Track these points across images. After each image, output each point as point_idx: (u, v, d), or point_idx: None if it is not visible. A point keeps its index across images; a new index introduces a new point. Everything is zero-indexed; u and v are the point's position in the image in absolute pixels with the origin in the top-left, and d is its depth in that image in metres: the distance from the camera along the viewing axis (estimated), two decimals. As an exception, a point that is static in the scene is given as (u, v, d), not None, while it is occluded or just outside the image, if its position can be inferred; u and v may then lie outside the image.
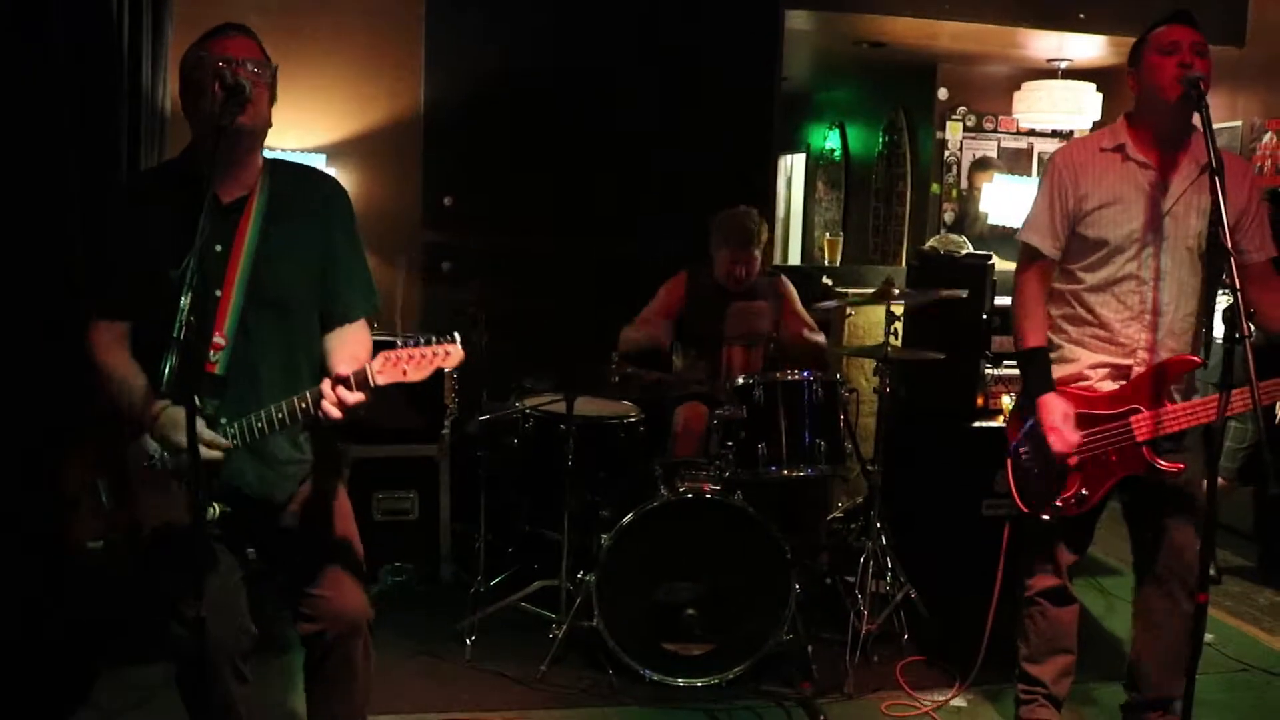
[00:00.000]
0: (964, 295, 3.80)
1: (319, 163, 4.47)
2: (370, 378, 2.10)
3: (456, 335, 2.12)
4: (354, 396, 2.10)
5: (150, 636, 2.28)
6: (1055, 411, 2.70)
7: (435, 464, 4.10)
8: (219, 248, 2.17)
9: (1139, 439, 2.65)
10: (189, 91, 2.16)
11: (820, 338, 4.22)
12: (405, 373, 2.10)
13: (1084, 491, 2.73)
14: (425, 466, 4.09)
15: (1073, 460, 2.70)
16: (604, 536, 3.34)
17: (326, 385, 2.10)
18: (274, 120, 2.24)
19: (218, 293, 2.16)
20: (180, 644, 2.16)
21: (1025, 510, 2.82)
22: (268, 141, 2.31)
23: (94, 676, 3.14)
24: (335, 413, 2.09)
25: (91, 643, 3.12)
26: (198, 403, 2.07)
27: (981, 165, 6.80)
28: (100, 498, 2.22)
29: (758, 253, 4.07)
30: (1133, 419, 2.66)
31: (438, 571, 4.10)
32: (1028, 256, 2.83)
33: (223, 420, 2.16)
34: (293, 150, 4.45)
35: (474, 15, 4.68)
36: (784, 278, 4.29)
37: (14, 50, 2.83)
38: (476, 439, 3.87)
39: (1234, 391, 2.31)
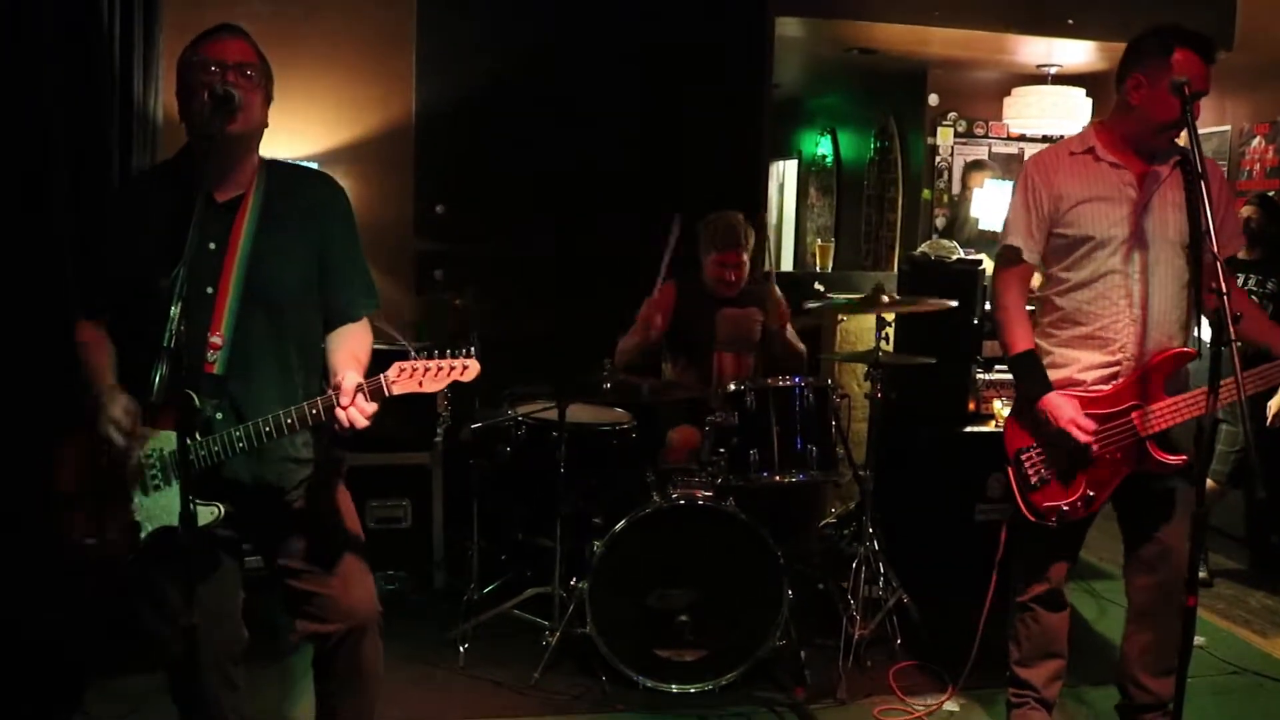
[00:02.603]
0: (952, 305, 3.80)
1: (310, 171, 4.47)
2: (385, 387, 2.10)
3: (474, 349, 2.12)
4: (369, 405, 2.10)
5: (142, 642, 2.26)
6: (1064, 408, 2.69)
7: (428, 472, 4.09)
8: (213, 245, 2.15)
9: (1142, 434, 2.66)
10: (182, 94, 2.16)
11: (801, 347, 4.20)
12: (421, 384, 2.11)
13: (1090, 493, 2.73)
14: (418, 474, 4.08)
15: (1096, 449, 2.68)
16: (596, 543, 3.35)
17: (345, 393, 2.09)
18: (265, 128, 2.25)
19: (210, 290, 2.14)
20: (170, 649, 2.16)
21: (1032, 519, 2.77)
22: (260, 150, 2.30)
23: (85, 685, 3.12)
24: (362, 420, 2.09)
25: (84, 647, 3.11)
26: (198, 403, 2.07)
27: (972, 170, 6.81)
28: (94, 495, 2.18)
29: (746, 256, 4.05)
30: (1134, 415, 2.67)
31: (431, 579, 4.10)
32: (1007, 261, 2.85)
33: (219, 417, 2.15)
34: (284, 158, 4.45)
35: (465, 23, 4.69)
36: (775, 285, 4.27)
37: (4, 57, 2.83)
38: (469, 447, 3.87)
39: (1222, 381, 2.31)
